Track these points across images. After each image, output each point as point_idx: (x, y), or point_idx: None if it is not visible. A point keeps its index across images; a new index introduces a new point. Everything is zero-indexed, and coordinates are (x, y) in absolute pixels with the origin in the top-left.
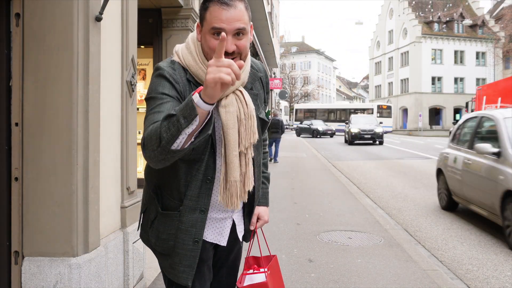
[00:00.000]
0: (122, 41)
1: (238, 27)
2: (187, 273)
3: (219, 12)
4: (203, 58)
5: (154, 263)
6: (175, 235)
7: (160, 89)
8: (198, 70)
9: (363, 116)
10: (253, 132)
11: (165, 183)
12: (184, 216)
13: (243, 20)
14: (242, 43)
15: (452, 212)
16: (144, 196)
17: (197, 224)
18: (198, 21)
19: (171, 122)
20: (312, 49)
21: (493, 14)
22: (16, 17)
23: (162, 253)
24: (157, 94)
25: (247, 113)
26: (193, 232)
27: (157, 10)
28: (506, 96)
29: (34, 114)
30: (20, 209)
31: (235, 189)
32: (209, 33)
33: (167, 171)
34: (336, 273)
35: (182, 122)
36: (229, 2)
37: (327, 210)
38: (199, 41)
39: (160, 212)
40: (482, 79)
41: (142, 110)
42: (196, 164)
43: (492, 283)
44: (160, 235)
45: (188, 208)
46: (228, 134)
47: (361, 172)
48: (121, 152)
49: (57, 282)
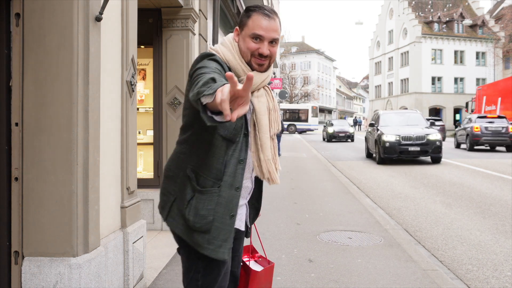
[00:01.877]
0: (122, 41)
1: (274, 36)
2: (224, 247)
3: (261, 21)
4: (240, 56)
5: (154, 263)
6: (215, 209)
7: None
8: (236, 65)
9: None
10: (278, 123)
11: (203, 164)
12: (223, 192)
13: (278, 32)
14: (274, 50)
15: (450, 210)
16: (168, 189)
17: (233, 200)
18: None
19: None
20: (312, 49)
21: (493, 14)
22: (16, 17)
23: (200, 230)
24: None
25: (273, 106)
26: (230, 207)
27: (157, 10)
28: (506, 96)
29: (34, 114)
30: (20, 209)
31: (270, 165)
32: (249, 37)
33: (207, 153)
34: (336, 273)
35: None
36: (270, 14)
37: (327, 210)
38: (237, 42)
39: (198, 190)
40: (482, 79)
41: (142, 110)
42: (233, 146)
43: (492, 283)
44: (199, 211)
45: (227, 184)
46: (261, 120)
47: (361, 172)
48: (121, 152)
49: (57, 282)
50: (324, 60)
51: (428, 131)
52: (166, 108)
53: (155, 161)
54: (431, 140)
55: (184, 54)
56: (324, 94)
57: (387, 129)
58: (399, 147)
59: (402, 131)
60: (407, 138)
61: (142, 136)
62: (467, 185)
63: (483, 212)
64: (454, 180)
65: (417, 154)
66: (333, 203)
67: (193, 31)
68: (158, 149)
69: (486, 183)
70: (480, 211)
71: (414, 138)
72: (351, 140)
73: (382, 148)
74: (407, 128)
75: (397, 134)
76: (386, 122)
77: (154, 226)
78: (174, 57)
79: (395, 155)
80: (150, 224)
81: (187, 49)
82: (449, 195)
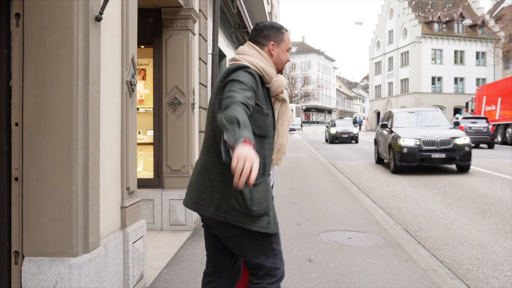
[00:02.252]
0: (122, 41)
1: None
2: (276, 223)
3: (289, 38)
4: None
5: (154, 263)
6: (266, 196)
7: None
8: (270, 73)
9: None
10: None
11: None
12: (268, 180)
13: None
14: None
15: (450, 210)
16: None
17: (270, 184)
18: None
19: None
20: (312, 49)
21: (493, 14)
22: (16, 17)
23: (261, 215)
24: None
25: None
26: (271, 191)
27: (157, 10)
28: (506, 96)
29: (34, 114)
30: (20, 209)
31: (283, 150)
32: (285, 51)
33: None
34: (336, 273)
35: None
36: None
37: (327, 210)
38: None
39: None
40: (482, 79)
41: (142, 110)
42: (266, 140)
43: (492, 283)
44: (258, 200)
45: (267, 173)
46: (287, 111)
47: (360, 172)
48: (121, 152)
49: (57, 282)
50: (324, 60)
51: (454, 133)
52: (166, 108)
53: (155, 161)
54: (459, 145)
55: (184, 54)
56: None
57: (404, 131)
58: (420, 153)
59: (423, 133)
60: (429, 142)
61: (142, 136)
62: (467, 185)
63: (483, 212)
64: (453, 180)
65: (441, 162)
66: (333, 203)
67: (193, 31)
68: (158, 149)
69: (486, 183)
70: (480, 211)
71: (438, 143)
72: (355, 142)
73: (398, 155)
74: (428, 130)
75: (417, 137)
76: (401, 123)
77: (154, 226)
78: (174, 57)
79: (414, 163)
80: (150, 224)
81: (187, 49)
82: (449, 195)
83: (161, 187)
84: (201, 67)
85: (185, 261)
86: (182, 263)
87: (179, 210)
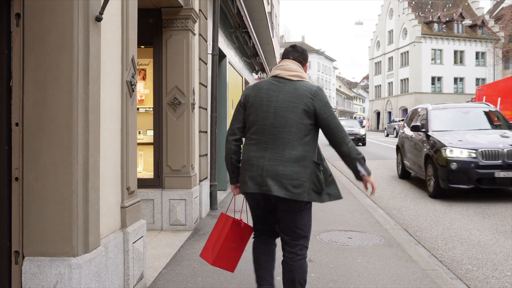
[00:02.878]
0: (122, 41)
1: None
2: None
3: None
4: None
5: (154, 263)
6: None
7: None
8: None
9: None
10: None
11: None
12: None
13: None
14: None
15: (450, 210)
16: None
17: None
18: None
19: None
20: (312, 49)
21: (492, 14)
22: (16, 17)
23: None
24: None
25: None
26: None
27: (157, 10)
28: (506, 96)
29: (34, 114)
30: (20, 209)
31: None
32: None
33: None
34: (336, 273)
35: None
36: None
37: (327, 210)
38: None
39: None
40: (482, 79)
41: (142, 110)
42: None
43: (492, 283)
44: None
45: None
46: None
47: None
48: (121, 152)
49: (57, 282)
50: (324, 60)
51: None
52: (166, 108)
53: (155, 161)
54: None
55: (184, 54)
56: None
57: (449, 138)
58: (477, 171)
59: (478, 141)
60: (491, 154)
61: (142, 136)
62: None
63: (483, 212)
64: None
65: (510, 183)
66: (333, 203)
67: (193, 31)
68: (158, 149)
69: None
70: (480, 211)
71: (505, 155)
72: (362, 144)
73: (443, 171)
74: (485, 136)
75: (471, 147)
76: (442, 124)
77: (154, 226)
78: (174, 57)
79: (469, 185)
80: (150, 224)
81: (187, 49)
82: (449, 195)
83: (161, 187)
84: (201, 67)
85: (185, 261)
86: (182, 263)
87: (179, 210)
